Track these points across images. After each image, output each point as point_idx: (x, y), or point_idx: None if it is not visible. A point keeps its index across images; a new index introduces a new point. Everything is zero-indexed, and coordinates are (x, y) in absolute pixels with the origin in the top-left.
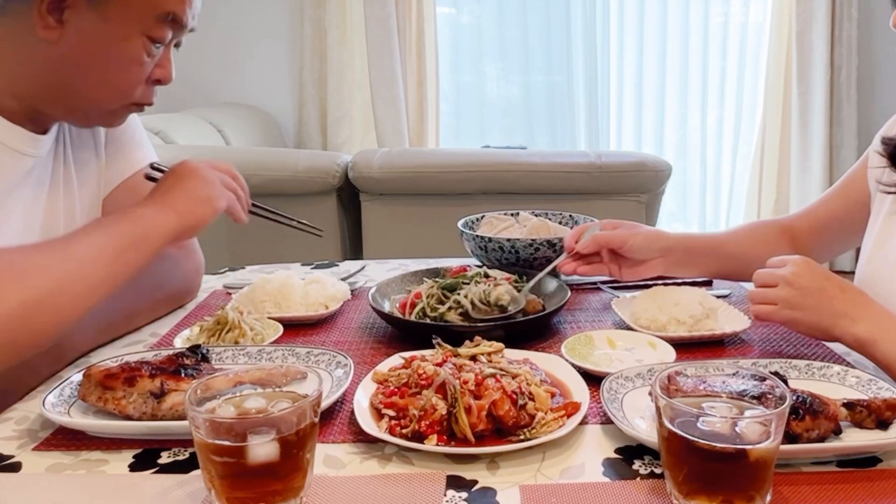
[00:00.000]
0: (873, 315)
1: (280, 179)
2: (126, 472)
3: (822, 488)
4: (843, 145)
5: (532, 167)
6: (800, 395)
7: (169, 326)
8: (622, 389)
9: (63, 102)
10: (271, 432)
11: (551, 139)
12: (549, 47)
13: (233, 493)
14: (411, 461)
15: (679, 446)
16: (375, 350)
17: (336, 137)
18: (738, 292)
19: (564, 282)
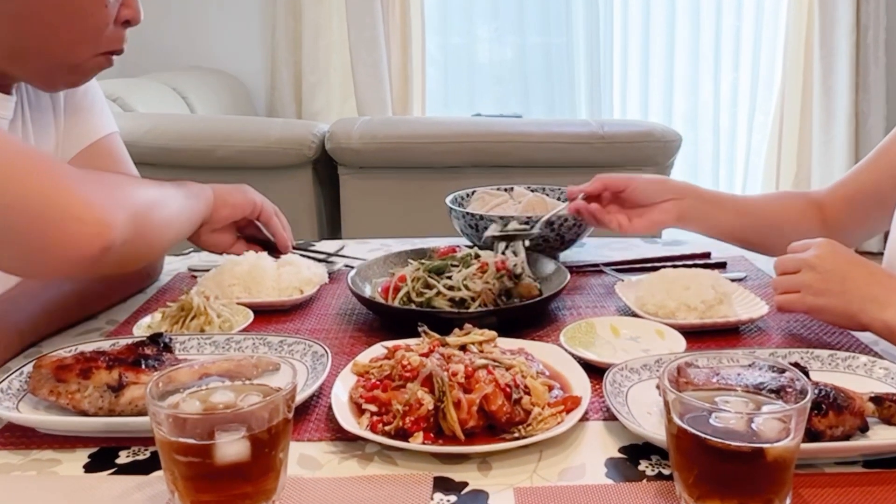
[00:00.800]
0: None
1: (250, 151)
2: (81, 472)
3: (847, 491)
4: (870, 113)
5: (528, 138)
6: (823, 388)
7: (128, 313)
8: (627, 382)
9: (27, 61)
10: (241, 429)
11: (549, 107)
12: (547, 5)
13: (198, 497)
14: (395, 461)
15: (690, 445)
16: (355, 339)
17: (312, 105)
18: (755, 275)
19: (563, 264)
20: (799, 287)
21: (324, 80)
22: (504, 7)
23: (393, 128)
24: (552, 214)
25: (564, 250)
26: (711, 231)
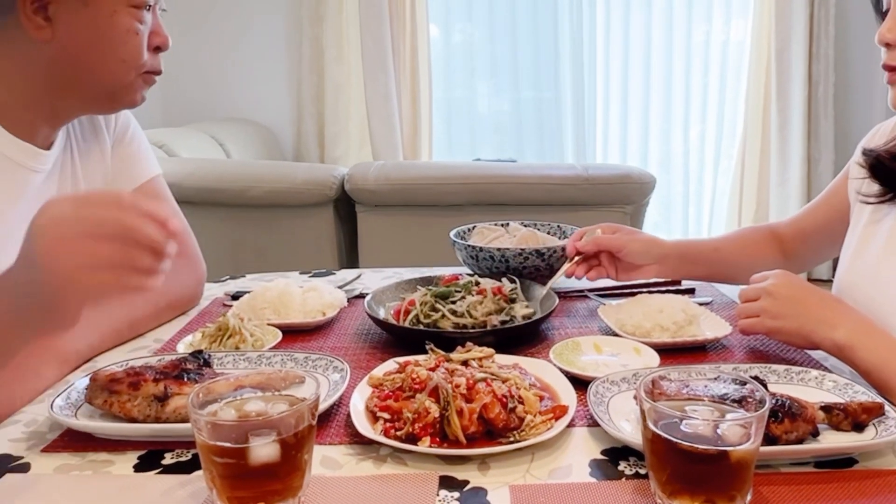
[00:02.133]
0: (851, 321)
1: (279, 191)
2: (131, 472)
3: (801, 488)
4: (820, 159)
5: (521, 179)
6: (779, 398)
7: (172, 332)
8: (608, 393)
9: (79, 94)
10: (271, 434)
11: (540, 152)
12: (538, 64)
13: (233, 493)
14: (405, 462)
15: (663, 448)
16: (371, 355)
17: (333, 151)
18: (720, 299)
19: (553, 289)
20: (759, 312)
21: (343, 129)
22: (501, 65)
23: (404, 171)
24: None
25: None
26: (686, 278)
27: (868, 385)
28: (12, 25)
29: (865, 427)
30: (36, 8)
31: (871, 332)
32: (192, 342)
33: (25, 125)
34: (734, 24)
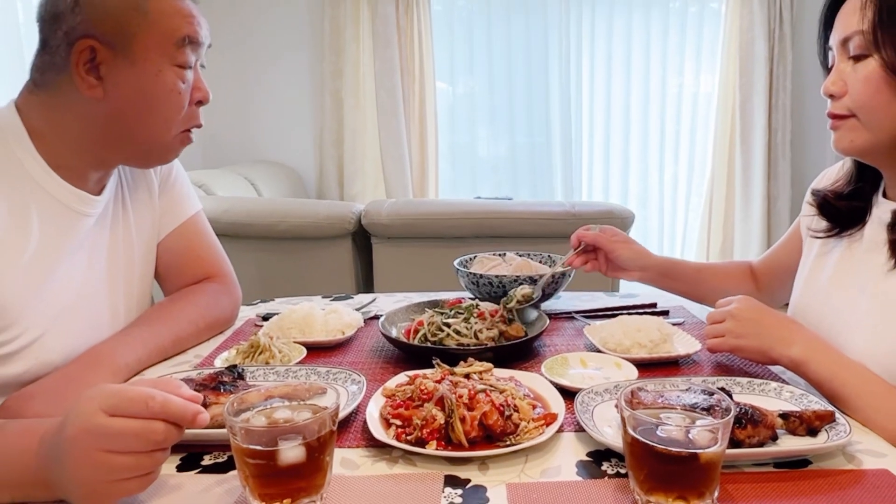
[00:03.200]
0: (805, 339)
1: (303, 225)
2: (174, 472)
3: (761, 486)
4: (778, 197)
5: (516, 215)
6: (742, 407)
7: (211, 349)
8: (593, 402)
9: (124, 147)
10: (297, 439)
11: (532, 191)
12: (531, 113)
13: (264, 490)
14: (414, 463)
15: (641, 451)
16: (384, 369)
17: (351, 189)
18: (691, 320)
19: (544, 311)
20: (724, 332)
21: (360, 170)
22: (498, 114)
23: (413, 207)
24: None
25: (545, 301)
26: (665, 290)
27: (820, 395)
28: (67, 83)
29: (818, 432)
30: (88, 68)
31: (822, 349)
32: (227, 357)
33: (77, 172)
34: (703, 78)
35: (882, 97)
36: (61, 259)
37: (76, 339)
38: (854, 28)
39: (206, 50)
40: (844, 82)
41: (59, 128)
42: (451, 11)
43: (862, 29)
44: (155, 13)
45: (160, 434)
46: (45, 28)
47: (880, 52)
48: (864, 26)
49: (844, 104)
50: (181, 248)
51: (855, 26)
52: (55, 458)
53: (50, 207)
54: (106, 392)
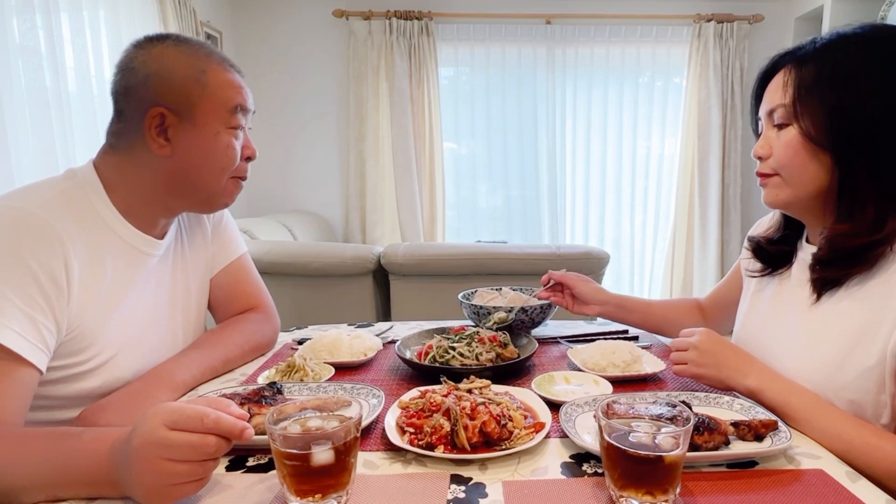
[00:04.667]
0: (758, 370)
1: (332, 265)
2: (224, 472)
3: (716, 483)
4: (730, 241)
5: (510, 256)
6: (700, 417)
7: (254, 368)
8: (575, 413)
9: (187, 195)
10: (327, 444)
11: (524, 235)
12: (523, 171)
13: (299, 487)
14: (425, 464)
15: (615, 453)
16: (400, 385)
17: (372, 234)
18: (658, 345)
19: (534, 336)
20: (686, 360)
21: (380, 218)
22: (495, 171)
23: (424, 250)
24: (525, 305)
25: (534, 328)
26: (622, 323)
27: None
28: (139, 144)
29: (764, 438)
30: (158, 131)
31: (773, 378)
32: (268, 375)
33: (146, 220)
34: (667, 141)
35: (799, 159)
36: (130, 292)
37: (142, 360)
38: (778, 101)
39: (252, 115)
40: (770, 146)
41: (132, 182)
42: (456, 85)
43: (784, 103)
44: (212, 85)
45: (212, 446)
46: (119, 100)
47: (798, 122)
48: (785, 100)
49: (770, 164)
50: (230, 283)
51: (778, 100)
52: (123, 463)
53: (121, 249)
54: (168, 409)
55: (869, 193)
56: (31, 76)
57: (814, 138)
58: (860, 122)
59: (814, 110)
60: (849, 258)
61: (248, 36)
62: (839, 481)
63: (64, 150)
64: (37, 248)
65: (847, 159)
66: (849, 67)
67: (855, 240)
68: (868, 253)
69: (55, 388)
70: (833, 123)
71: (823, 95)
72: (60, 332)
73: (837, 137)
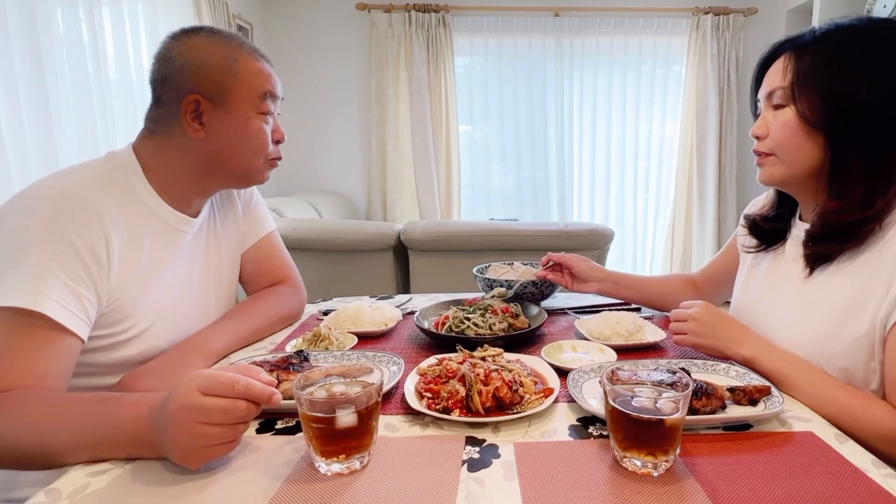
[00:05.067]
0: (753, 340)
1: (355, 241)
2: (254, 434)
3: (713, 445)
4: (726, 219)
5: (521, 233)
6: (698, 382)
7: (282, 337)
8: (581, 379)
9: (224, 174)
10: (350, 407)
11: (534, 213)
12: (533, 153)
13: (324, 448)
14: (442, 427)
15: (619, 417)
16: (418, 353)
17: (392, 212)
18: (658, 317)
19: (543, 308)
20: (685, 331)
21: (399, 197)
22: (507, 154)
23: (441, 227)
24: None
25: (544, 300)
26: (620, 299)
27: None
28: (176, 129)
29: (758, 402)
30: (194, 117)
31: (768, 347)
32: (296, 344)
33: (181, 200)
34: (667, 126)
35: (795, 139)
36: (166, 267)
37: (177, 329)
38: (777, 84)
39: (280, 101)
40: (767, 127)
41: (169, 164)
42: (470, 73)
43: (783, 86)
44: (243, 73)
45: (243, 411)
46: (157, 88)
47: (796, 104)
48: (784, 83)
49: (766, 144)
50: (260, 258)
51: (778, 83)
52: (160, 426)
53: (157, 227)
54: (201, 376)
55: (858, 173)
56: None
57: (809, 120)
58: (853, 107)
59: (810, 94)
60: (840, 234)
61: (276, 27)
62: (828, 443)
63: (105, 134)
64: (79, 226)
65: (839, 141)
66: (845, 56)
67: (845, 216)
68: (858, 230)
69: (96, 356)
70: (828, 107)
71: (820, 81)
72: (101, 303)
73: (831, 120)
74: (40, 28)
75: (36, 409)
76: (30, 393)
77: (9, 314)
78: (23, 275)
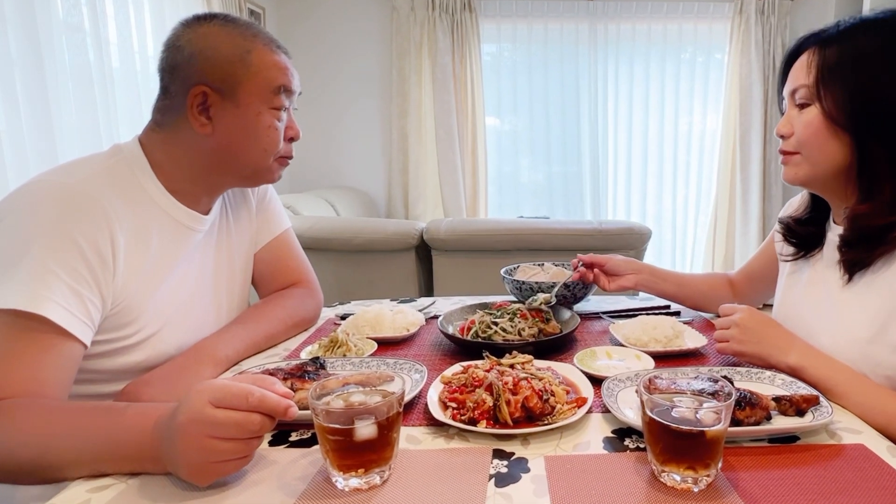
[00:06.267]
0: (799, 347)
1: (375, 240)
2: (266, 447)
3: (758, 458)
4: (772, 216)
5: (552, 231)
6: (742, 392)
7: (297, 343)
8: (617, 388)
9: (231, 173)
10: (369, 418)
11: (566, 211)
12: (564, 146)
13: (342, 462)
14: (468, 439)
15: (657, 428)
16: (442, 360)
17: (414, 210)
18: (699, 321)
19: (576, 312)
20: (728, 339)
21: (422, 194)
22: (537, 147)
23: (467, 225)
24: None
25: (576, 303)
26: (657, 294)
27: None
28: (183, 123)
29: (805, 413)
30: (200, 110)
31: (815, 354)
32: (311, 350)
33: (191, 196)
34: (709, 117)
35: (820, 138)
36: (175, 267)
37: (186, 334)
38: (801, 82)
39: (297, 97)
40: (791, 125)
41: (176, 159)
42: (498, 61)
43: (807, 83)
44: (256, 66)
45: (257, 425)
46: (165, 77)
47: (820, 102)
48: (808, 81)
49: (791, 143)
50: (273, 258)
51: (802, 81)
52: (167, 440)
53: (166, 224)
54: (213, 387)
55: (887, 173)
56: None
57: (835, 118)
58: (880, 104)
59: (835, 91)
60: (872, 239)
61: (291, 12)
62: (880, 456)
63: (107, 126)
64: (82, 223)
65: (865, 139)
66: (870, 51)
67: (875, 220)
68: (889, 233)
69: (99, 363)
70: (853, 105)
71: (845, 77)
72: (105, 306)
73: (857, 118)
74: (38, 12)
75: (34, 418)
76: (28, 401)
77: (7, 317)
78: (22, 275)
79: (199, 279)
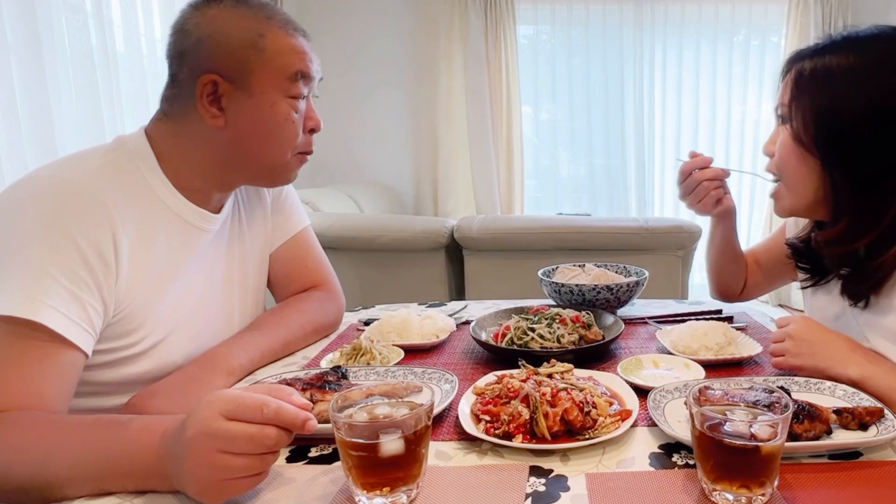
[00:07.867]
0: (860, 358)
1: (402, 238)
2: (284, 463)
3: (817, 476)
4: None
5: (594, 230)
6: (800, 403)
7: (317, 351)
8: (664, 400)
9: (244, 170)
10: (396, 433)
11: (609, 208)
12: (608, 137)
13: (365, 480)
14: (502, 455)
15: (708, 443)
16: (475, 369)
17: (444, 206)
18: (753, 325)
19: (620, 317)
20: (783, 352)
21: (453, 189)
22: (578, 138)
23: (501, 223)
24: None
25: (620, 308)
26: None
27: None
28: (192, 113)
29: (869, 427)
30: (211, 100)
31: (878, 362)
32: (332, 359)
33: (200, 194)
34: (764, 105)
35: (791, 161)
36: (183, 270)
37: (195, 342)
38: (780, 100)
39: (317, 83)
40: (773, 145)
41: (185, 153)
42: (535, 44)
43: (783, 101)
44: (270, 51)
45: (272, 439)
46: (173, 64)
47: (791, 122)
48: (784, 100)
49: (774, 163)
50: (291, 258)
51: (779, 99)
52: (175, 456)
53: (174, 224)
54: (225, 398)
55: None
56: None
57: (801, 140)
58: (842, 126)
59: (804, 110)
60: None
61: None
62: None
63: (111, 115)
64: (83, 223)
65: (832, 165)
66: (839, 70)
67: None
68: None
69: (102, 373)
70: (816, 125)
71: (813, 95)
72: (108, 312)
73: (822, 140)
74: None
75: (32, 433)
76: (25, 415)
77: (1, 324)
78: (18, 279)
79: (210, 283)
